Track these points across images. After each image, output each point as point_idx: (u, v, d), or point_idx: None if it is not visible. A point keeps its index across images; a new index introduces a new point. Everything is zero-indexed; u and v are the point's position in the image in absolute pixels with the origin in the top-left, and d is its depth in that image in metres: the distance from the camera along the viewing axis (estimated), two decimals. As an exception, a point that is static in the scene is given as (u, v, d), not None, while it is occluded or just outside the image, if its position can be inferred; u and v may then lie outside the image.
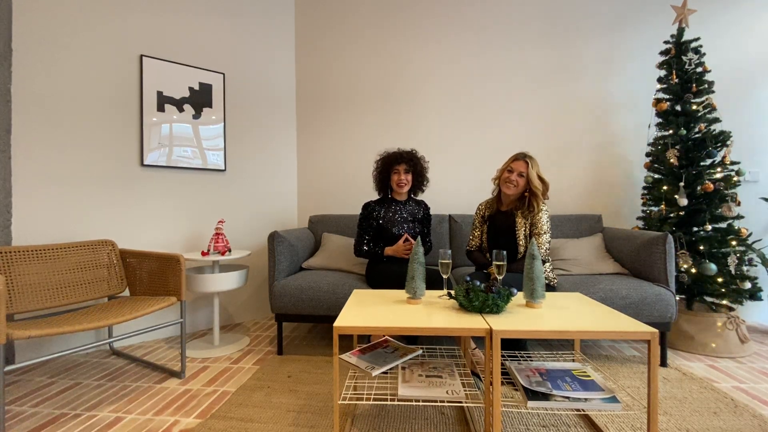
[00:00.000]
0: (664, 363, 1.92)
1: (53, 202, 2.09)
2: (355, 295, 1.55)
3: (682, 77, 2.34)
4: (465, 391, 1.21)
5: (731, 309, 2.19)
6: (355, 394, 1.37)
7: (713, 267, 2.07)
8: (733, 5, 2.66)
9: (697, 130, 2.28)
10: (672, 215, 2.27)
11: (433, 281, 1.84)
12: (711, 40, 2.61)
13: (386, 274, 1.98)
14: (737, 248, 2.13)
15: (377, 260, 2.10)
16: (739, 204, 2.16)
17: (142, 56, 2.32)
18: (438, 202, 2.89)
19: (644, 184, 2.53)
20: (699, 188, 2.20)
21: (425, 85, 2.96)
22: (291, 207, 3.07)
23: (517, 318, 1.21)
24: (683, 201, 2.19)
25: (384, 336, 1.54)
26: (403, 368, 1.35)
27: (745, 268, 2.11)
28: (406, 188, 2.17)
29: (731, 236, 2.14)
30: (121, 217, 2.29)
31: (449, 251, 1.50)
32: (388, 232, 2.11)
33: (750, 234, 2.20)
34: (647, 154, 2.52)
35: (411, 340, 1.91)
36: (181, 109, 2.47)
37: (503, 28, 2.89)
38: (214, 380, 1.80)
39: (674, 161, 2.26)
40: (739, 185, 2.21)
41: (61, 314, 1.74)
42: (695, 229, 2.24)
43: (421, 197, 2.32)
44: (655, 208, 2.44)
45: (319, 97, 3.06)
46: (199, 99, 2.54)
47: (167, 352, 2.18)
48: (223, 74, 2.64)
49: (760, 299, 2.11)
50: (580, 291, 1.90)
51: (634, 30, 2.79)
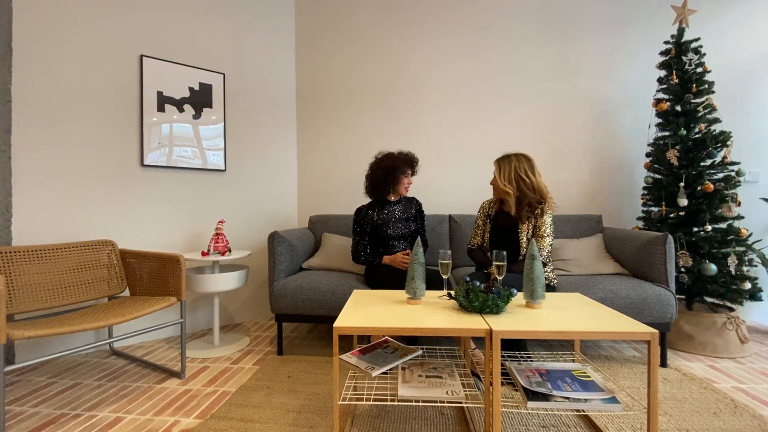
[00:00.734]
0: (664, 363, 1.92)
1: (53, 202, 2.09)
2: (355, 295, 1.55)
3: (682, 77, 2.34)
4: (465, 391, 1.21)
5: (731, 309, 2.19)
6: (355, 394, 1.37)
7: (713, 267, 2.07)
8: (733, 5, 2.66)
9: (697, 130, 2.28)
10: (672, 215, 2.27)
11: (433, 281, 1.84)
12: (711, 40, 2.61)
13: (385, 277, 1.98)
14: (737, 248, 2.13)
15: (376, 266, 2.11)
16: (739, 204, 2.16)
17: (142, 56, 2.32)
18: (438, 202, 2.89)
19: (644, 185, 2.52)
20: (699, 188, 2.20)
21: (425, 85, 2.96)
22: (291, 207, 3.07)
23: (517, 318, 1.21)
24: (683, 201, 2.19)
25: (384, 336, 1.54)
26: (403, 369, 1.35)
27: (745, 269, 2.11)
28: (409, 190, 2.22)
29: (731, 236, 2.14)
30: (121, 217, 2.29)
31: (449, 251, 1.50)
32: (384, 233, 2.11)
33: (750, 234, 2.20)
34: (647, 155, 2.52)
35: (411, 340, 1.91)
36: (181, 109, 2.47)
37: (503, 27, 2.89)
38: (214, 380, 1.81)
39: (674, 161, 2.26)
40: (739, 185, 2.21)
41: (61, 314, 1.74)
42: (695, 229, 2.24)
43: (421, 197, 2.32)
44: (655, 209, 2.44)
45: (319, 97, 3.06)
46: (199, 99, 2.54)
47: (167, 352, 2.18)
48: (223, 74, 2.64)
49: (760, 299, 2.11)
50: (580, 291, 1.90)
51: (634, 30, 2.78)
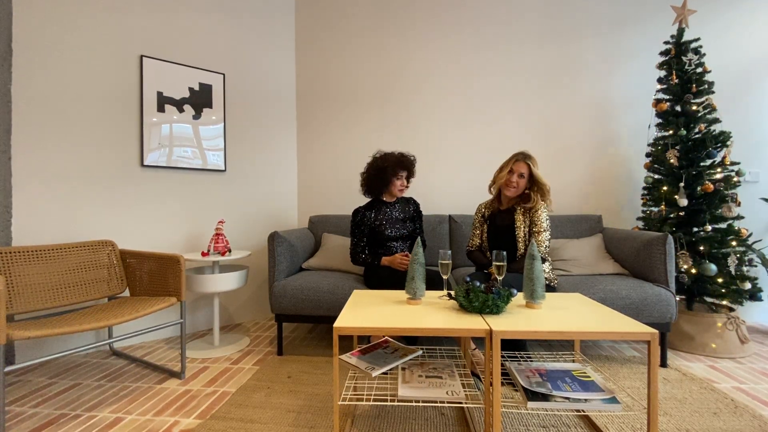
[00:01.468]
0: (664, 363, 1.92)
1: (53, 203, 2.09)
2: (354, 295, 1.55)
3: (682, 78, 2.34)
4: (465, 391, 1.21)
5: (731, 309, 2.19)
6: (355, 394, 1.36)
7: (713, 267, 2.07)
8: (733, 5, 2.66)
9: (697, 130, 2.28)
10: (672, 216, 2.27)
11: (433, 282, 1.84)
12: (711, 40, 2.61)
13: (384, 277, 1.98)
14: (737, 249, 2.13)
15: (375, 267, 2.10)
16: (739, 204, 2.16)
17: (142, 56, 2.32)
18: (438, 202, 2.89)
19: (644, 185, 2.53)
20: (699, 189, 2.20)
21: (425, 85, 2.96)
22: (291, 207, 3.07)
23: (517, 318, 1.21)
24: (683, 201, 2.19)
25: (384, 336, 1.54)
26: (403, 369, 1.35)
27: (745, 269, 2.11)
28: (404, 192, 2.19)
29: (731, 236, 2.14)
30: (121, 218, 2.29)
31: (449, 252, 1.50)
32: (382, 234, 2.11)
33: (750, 234, 2.20)
34: (647, 155, 2.52)
35: (411, 340, 1.91)
36: (181, 110, 2.47)
37: (503, 27, 2.89)
38: (214, 381, 1.80)
39: (674, 161, 2.26)
40: (739, 185, 2.20)
41: (61, 314, 1.74)
42: (695, 229, 2.24)
43: (421, 197, 2.32)
44: (655, 209, 2.44)
45: (319, 97, 3.06)
46: (199, 99, 2.54)
47: (167, 352, 2.18)
48: (223, 74, 2.64)
49: (760, 300, 2.11)
50: (580, 291, 1.90)
51: (634, 30, 2.78)
